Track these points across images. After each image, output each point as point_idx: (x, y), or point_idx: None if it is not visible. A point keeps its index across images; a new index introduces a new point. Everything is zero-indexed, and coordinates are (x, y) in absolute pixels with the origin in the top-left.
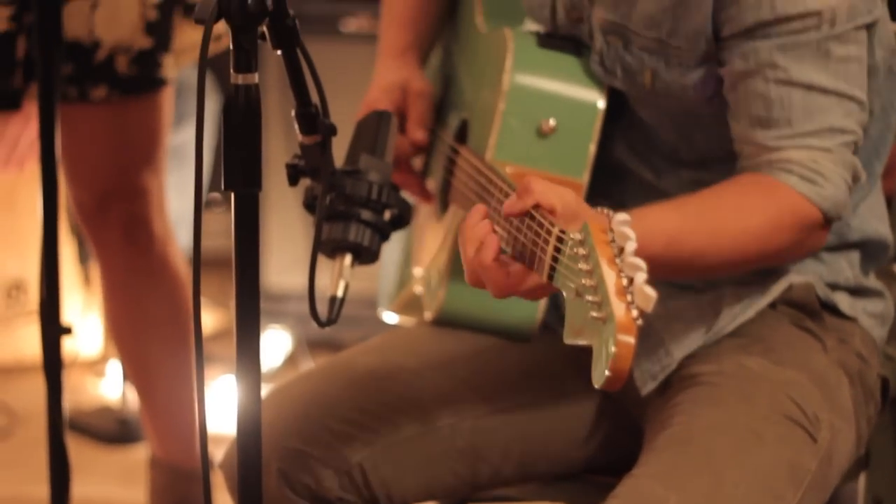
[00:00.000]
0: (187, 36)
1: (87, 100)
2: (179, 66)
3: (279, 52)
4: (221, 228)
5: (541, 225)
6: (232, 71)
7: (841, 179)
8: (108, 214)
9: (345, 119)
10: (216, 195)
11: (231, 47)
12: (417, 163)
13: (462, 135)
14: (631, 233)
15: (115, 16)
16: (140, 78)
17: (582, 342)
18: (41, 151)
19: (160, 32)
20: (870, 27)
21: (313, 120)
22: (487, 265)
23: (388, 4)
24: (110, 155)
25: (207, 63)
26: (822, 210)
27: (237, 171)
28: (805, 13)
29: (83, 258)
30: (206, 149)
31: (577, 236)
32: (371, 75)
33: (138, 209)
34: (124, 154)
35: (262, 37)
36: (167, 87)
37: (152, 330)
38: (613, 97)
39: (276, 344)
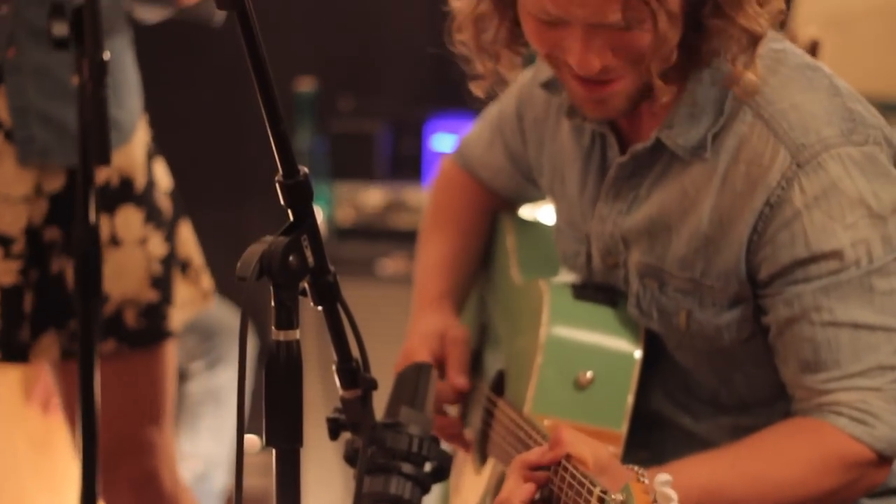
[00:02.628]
0: (183, 291)
1: None
2: (178, 321)
3: (320, 308)
4: (258, 469)
5: (581, 483)
6: (273, 328)
7: (894, 417)
8: (116, 472)
9: (382, 363)
10: (254, 437)
11: (272, 304)
12: (454, 411)
13: (499, 386)
14: (673, 494)
15: (122, 270)
16: (148, 331)
17: None
18: (81, 397)
19: (164, 286)
20: None
21: (354, 375)
22: None
23: (422, 252)
24: (117, 410)
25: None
26: (877, 450)
27: (279, 427)
28: (840, 249)
29: None
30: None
31: (619, 497)
32: (407, 317)
33: (146, 465)
34: (131, 409)
35: (303, 292)
36: (172, 339)
37: None
38: (650, 344)
39: None
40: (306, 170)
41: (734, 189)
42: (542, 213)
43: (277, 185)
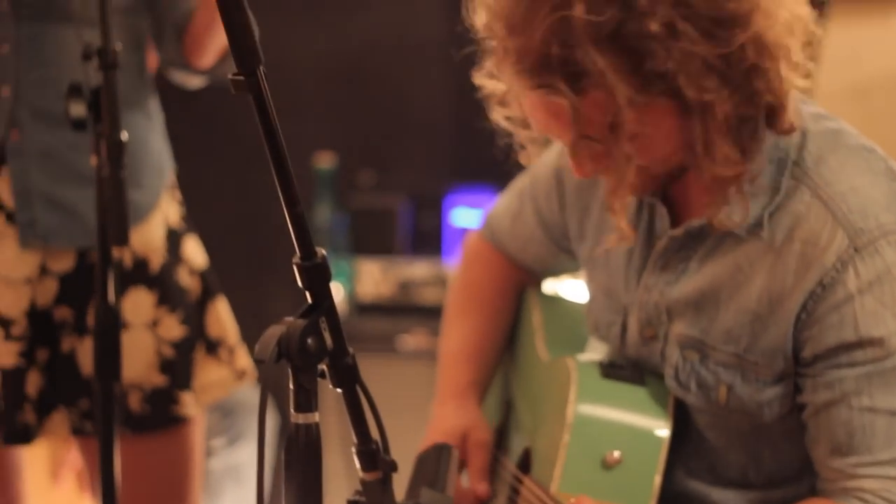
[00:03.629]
0: (211, 372)
1: None
2: (203, 403)
3: (339, 390)
4: None
5: None
6: (292, 411)
7: None
8: None
9: (403, 437)
10: None
11: (291, 387)
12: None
13: (525, 463)
14: None
15: (128, 354)
16: (153, 416)
17: None
18: (102, 479)
19: (176, 370)
20: None
21: (374, 456)
22: None
23: (448, 335)
24: (130, 493)
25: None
26: None
27: None
28: (886, 336)
29: None
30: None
31: None
32: (428, 393)
33: None
34: (148, 490)
35: (322, 374)
36: (189, 423)
37: None
38: (676, 423)
39: None
40: (324, 252)
41: (787, 267)
42: (566, 287)
43: (295, 268)
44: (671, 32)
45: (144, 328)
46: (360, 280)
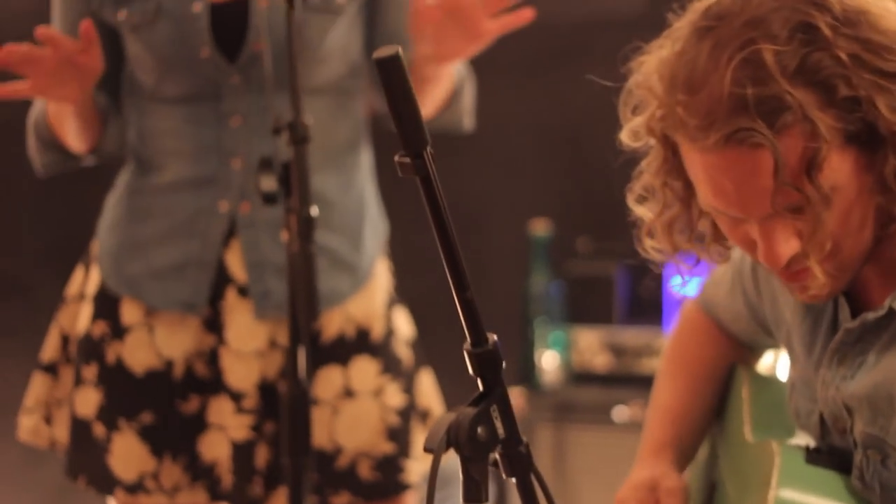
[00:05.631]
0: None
1: None
2: (419, 472)
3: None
4: None
5: None
6: (462, 500)
7: None
8: None
9: None
10: None
11: (461, 477)
12: None
13: None
14: None
15: (356, 421)
16: (383, 484)
17: None
18: None
19: (402, 438)
20: None
21: None
22: None
23: (654, 396)
24: None
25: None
26: None
27: None
28: None
29: None
30: None
31: None
32: None
33: None
34: None
35: (494, 464)
36: (411, 491)
37: None
38: None
39: None
40: (495, 337)
41: None
42: (778, 367)
43: (466, 354)
44: (857, 62)
45: (370, 396)
46: (576, 349)
